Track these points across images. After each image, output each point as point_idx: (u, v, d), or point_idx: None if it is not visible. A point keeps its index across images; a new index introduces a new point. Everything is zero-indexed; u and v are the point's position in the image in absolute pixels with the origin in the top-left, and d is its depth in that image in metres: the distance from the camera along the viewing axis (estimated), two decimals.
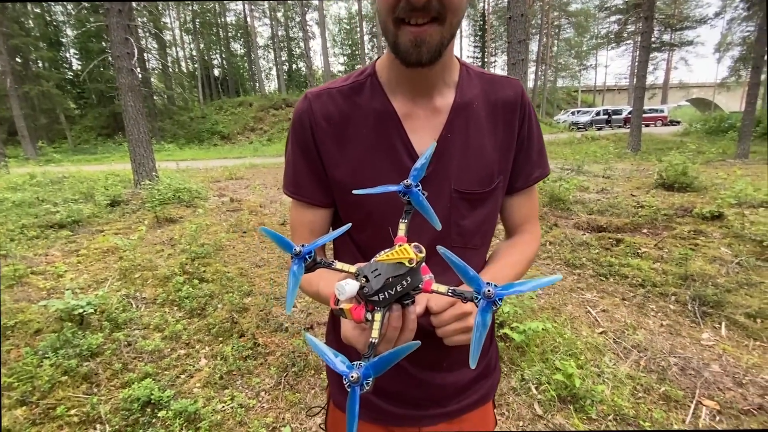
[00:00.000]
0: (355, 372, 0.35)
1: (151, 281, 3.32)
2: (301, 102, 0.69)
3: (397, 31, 0.56)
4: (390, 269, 0.42)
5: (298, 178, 0.70)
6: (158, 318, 2.73)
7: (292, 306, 0.43)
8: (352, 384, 0.35)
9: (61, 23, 25.50)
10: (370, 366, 0.36)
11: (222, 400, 2.01)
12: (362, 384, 0.36)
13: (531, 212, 0.77)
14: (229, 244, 4.36)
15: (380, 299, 0.42)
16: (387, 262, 0.42)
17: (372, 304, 0.43)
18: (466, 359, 0.73)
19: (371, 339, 0.42)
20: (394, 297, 0.42)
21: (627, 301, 2.91)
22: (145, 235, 4.55)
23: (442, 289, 0.43)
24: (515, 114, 0.70)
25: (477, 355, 0.37)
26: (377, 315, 0.43)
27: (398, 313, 0.45)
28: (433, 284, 0.44)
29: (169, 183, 6.56)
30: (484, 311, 0.38)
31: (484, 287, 0.38)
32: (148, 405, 1.91)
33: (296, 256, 0.43)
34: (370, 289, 0.41)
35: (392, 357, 0.37)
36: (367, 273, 0.42)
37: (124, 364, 2.25)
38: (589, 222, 4.79)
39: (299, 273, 0.43)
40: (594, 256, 3.70)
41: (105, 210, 5.70)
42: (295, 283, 0.43)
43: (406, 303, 0.45)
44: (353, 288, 0.41)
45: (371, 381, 0.36)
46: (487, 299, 0.37)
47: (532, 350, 2.20)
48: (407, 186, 0.48)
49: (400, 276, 0.42)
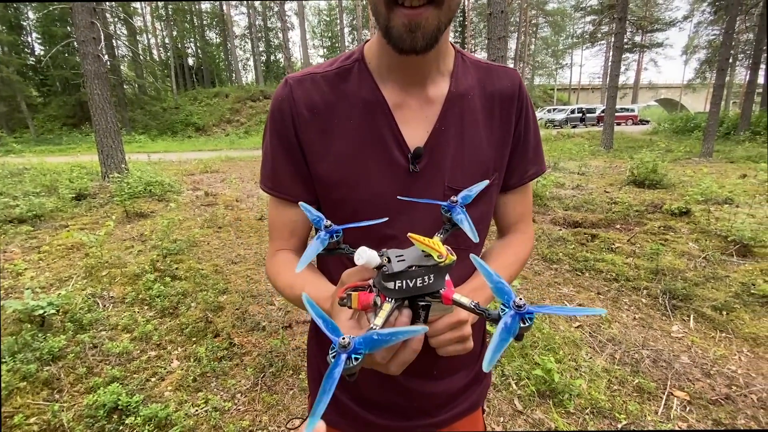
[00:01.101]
0: (347, 338, 0.31)
1: (119, 279, 3.16)
2: (281, 88, 0.62)
3: (389, 14, 0.50)
4: (416, 257, 0.40)
5: (277, 172, 0.64)
6: (127, 318, 2.60)
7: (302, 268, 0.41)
8: (339, 351, 0.31)
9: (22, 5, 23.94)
10: (363, 340, 0.32)
11: (195, 404, 1.92)
12: (350, 355, 0.31)
13: (525, 211, 0.74)
14: (203, 240, 4.21)
15: (395, 287, 0.39)
16: (418, 245, 0.39)
17: (385, 293, 0.40)
18: (457, 366, 0.70)
19: (372, 325, 0.37)
20: (410, 291, 0.39)
21: (602, 296, 2.99)
22: (114, 230, 4.34)
23: (465, 301, 0.39)
24: (512, 107, 0.65)
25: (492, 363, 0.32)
26: (386, 305, 0.39)
27: (407, 320, 0.41)
28: (455, 294, 0.40)
29: (139, 176, 6.28)
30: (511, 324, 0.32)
31: (513, 297, 0.34)
32: (114, 411, 1.81)
33: (325, 229, 0.43)
34: (390, 270, 0.39)
35: (389, 337, 0.32)
36: (391, 255, 0.40)
37: (89, 368, 2.13)
38: (566, 218, 4.89)
39: (322, 244, 0.43)
40: (570, 251, 3.78)
41: (70, 204, 5.40)
42: (314, 250, 0.42)
43: (420, 306, 0.42)
44: (373, 257, 0.39)
45: (361, 360, 0.32)
46: (517, 311, 0.33)
47: (512, 345, 2.22)
48: (453, 203, 0.47)
49: (424, 269, 0.39)
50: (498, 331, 0.32)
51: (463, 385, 0.72)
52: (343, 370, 0.31)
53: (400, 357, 0.42)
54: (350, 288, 0.43)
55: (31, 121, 20.12)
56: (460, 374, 0.71)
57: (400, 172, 0.60)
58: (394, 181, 0.60)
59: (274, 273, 0.65)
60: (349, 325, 0.44)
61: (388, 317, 0.38)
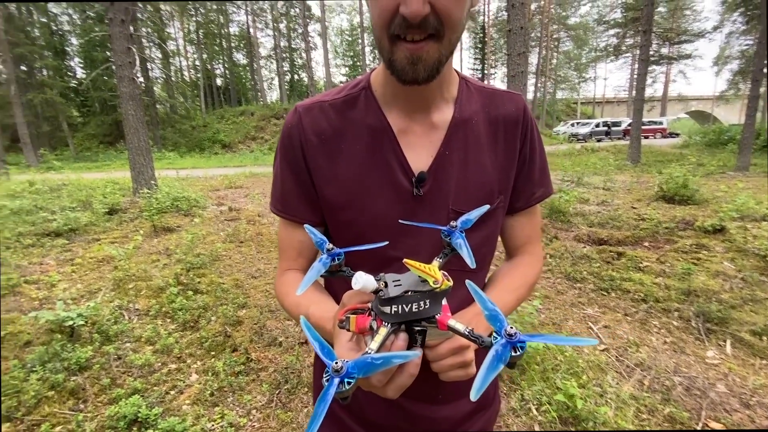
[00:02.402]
0: (340, 362, 0.33)
1: (144, 292, 3.27)
2: (291, 115, 0.65)
3: (392, 48, 0.53)
4: (412, 282, 0.40)
5: (286, 195, 0.67)
6: (150, 330, 2.68)
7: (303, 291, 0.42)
8: (333, 375, 0.32)
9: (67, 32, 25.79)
10: (356, 365, 0.33)
11: (212, 419, 1.94)
12: (343, 379, 0.32)
13: (533, 233, 0.74)
14: (225, 255, 4.31)
15: (392, 312, 0.40)
16: (413, 270, 0.39)
17: (381, 317, 0.40)
18: (463, 391, 0.69)
19: (367, 350, 0.38)
20: (407, 316, 0.40)
21: (629, 317, 2.86)
22: (141, 244, 4.51)
23: (460, 328, 0.40)
24: (517, 130, 0.66)
25: (480, 391, 0.33)
26: (382, 329, 0.40)
27: (403, 344, 0.41)
28: (450, 320, 0.41)
29: (167, 191, 6.53)
30: (501, 352, 0.33)
31: (505, 325, 0.34)
32: (134, 423, 1.84)
33: (328, 252, 0.44)
34: (386, 294, 0.40)
35: (382, 361, 0.33)
36: (388, 280, 0.41)
37: (112, 379, 2.19)
38: (590, 235, 4.74)
39: (324, 267, 0.44)
40: (595, 270, 3.65)
41: (102, 218, 5.66)
42: (316, 273, 0.43)
43: (416, 332, 0.42)
44: (370, 282, 0.40)
45: (353, 384, 0.33)
46: (508, 339, 0.33)
47: (533, 368, 2.14)
48: (452, 227, 0.48)
49: (420, 294, 0.40)
50: (487, 359, 0.33)
51: (468, 410, 0.71)
52: (336, 393, 0.31)
53: (396, 381, 0.42)
54: (350, 310, 0.44)
55: (71, 140, 21.39)
56: (465, 399, 0.70)
57: (404, 195, 0.62)
58: (399, 205, 0.61)
59: (283, 293, 0.66)
60: (347, 347, 0.45)
61: (384, 341, 0.39)
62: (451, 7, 0.50)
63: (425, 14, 0.48)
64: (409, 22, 0.48)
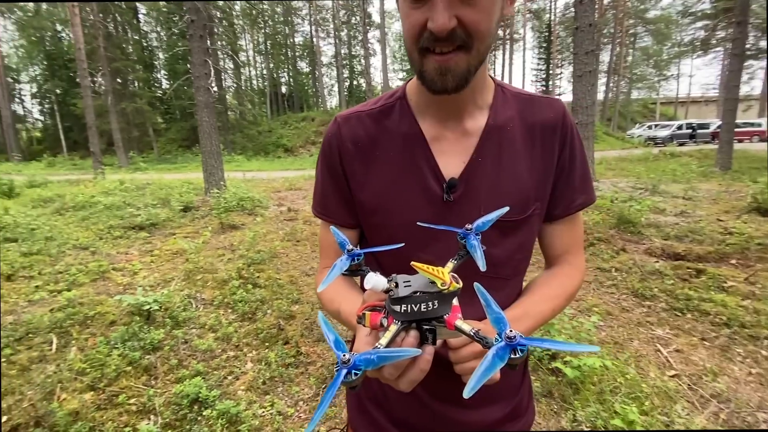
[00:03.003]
0: (348, 355, 0.35)
1: (210, 283, 3.55)
2: (331, 125, 0.70)
3: (422, 60, 0.55)
4: (421, 283, 0.42)
5: (325, 199, 0.71)
6: (213, 319, 2.91)
7: (324, 287, 0.46)
8: (341, 367, 0.35)
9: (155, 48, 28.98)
10: (363, 359, 0.36)
11: (262, 405, 2.06)
12: (350, 370, 0.35)
13: (573, 242, 0.71)
14: (282, 252, 4.55)
15: (401, 310, 0.42)
16: (421, 272, 0.41)
17: (393, 315, 0.43)
18: (493, 396, 0.68)
19: (377, 344, 0.40)
20: (416, 315, 0.42)
21: (707, 342, 2.55)
22: (209, 239, 4.91)
23: (466, 328, 0.41)
24: (555, 137, 0.65)
25: (473, 390, 0.33)
26: (393, 326, 0.42)
27: (413, 340, 0.43)
28: (458, 321, 0.42)
29: (234, 192, 7.05)
30: (500, 354, 0.34)
31: (506, 328, 0.35)
32: (196, 402, 2.02)
33: (348, 253, 0.47)
34: (395, 294, 0.42)
35: (388, 356, 0.36)
36: (399, 281, 0.43)
37: (179, 361, 2.41)
38: (664, 248, 4.31)
39: (344, 266, 0.46)
40: (668, 288, 3.31)
41: (178, 215, 6.25)
42: (338, 271, 0.46)
43: (426, 330, 0.44)
44: (380, 282, 0.43)
45: (360, 375, 0.36)
46: (507, 342, 0.34)
47: (588, 388, 2.00)
48: (467, 230, 0.49)
49: (428, 295, 0.41)
50: (484, 360, 0.34)
51: (498, 418, 0.69)
52: (344, 382, 0.35)
53: (408, 375, 0.44)
54: (368, 307, 0.47)
55: (155, 144, 23.96)
56: (496, 407, 0.69)
57: (435, 200, 0.63)
58: (430, 209, 0.62)
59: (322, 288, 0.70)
60: (365, 341, 0.47)
61: (394, 338, 0.41)
62: (479, 19, 0.51)
63: (451, 28, 0.50)
64: (436, 36, 0.50)
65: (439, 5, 0.49)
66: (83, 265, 3.91)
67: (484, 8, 0.51)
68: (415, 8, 0.52)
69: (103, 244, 4.70)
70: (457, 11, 0.50)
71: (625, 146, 20.39)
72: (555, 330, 2.23)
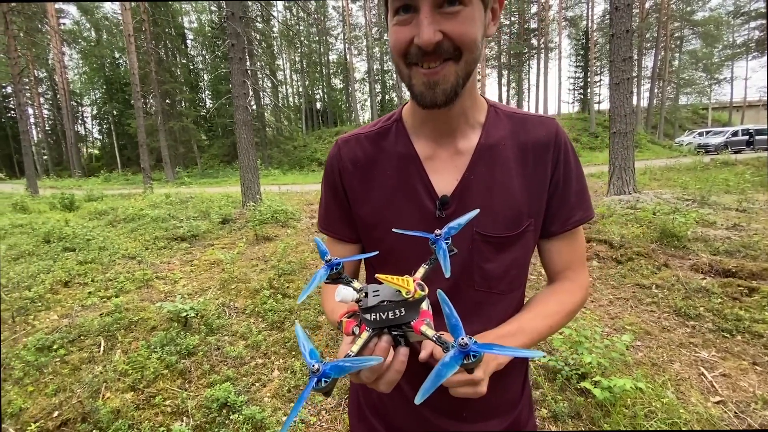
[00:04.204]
0: (318, 364, 0.38)
1: (243, 293, 3.71)
2: (333, 148, 0.75)
3: (410, 74, 0.58)
4: (389, 292, 0.45)
5: (329, 216, 0.76)
6: (244, 327, 3.03)
7: (303, 298, 0.48)
8: (311, 375, 0.38)
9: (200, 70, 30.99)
10: (331, 367, 0.39)
11: (287, 413, 2.12)
12: (320, 378, 0.38)
13: (574, 258, 0.71)
14: (312, 263, 4.66)
15: (371, 319, 0.44)
16: (387, 283, 0.44)
17: (365, 323, 0.46)
18: (491, 411, 0.69)
19: (349, 351, 0.44)
20: (384, 323, 0.44)
21: (759, 367, 2.35)
22: (244, 250, 5.13)
23: (430, 333, 0.43)
24: (548, 154, 0.67)
25: (425, 395, 0.37)
26: (365, 334, 0.45)
27: (386, 345, 0.45)
28: (423, 326, 0.44)
29: (269, 205, 7.33)
30: (452, 360, 0.37)
31: (460, 336, 0.37)
32: (224, 406, 2.11)
33: (326, 263, 0.49)
34: (365, 304, 0.44)
35: (351, 365, 0.39)
36: (369, 291, 0.46)
37: (211, 366, 2.53)
38: (713, 264, 4.02)
39: (323, 277, 0.49)
40: (715, 307, 3.09)
41: (217, 227, 6.58)
42: (315, 282, 0.48)
43: (396, 336, 0.46)
44: (348, 294, 0.45)
45: (330, 382, 0.38)
46: (459, 349, 0.37)
47: (619, 411, 1.90)
48: (437, 236, 0.51)
49: (394, 303, 0.44)
50: (436, 367, 0.36)
51: None
52: (315, 389, 0.38)
53: (385, 377, 0.47)
54: (348, 313, 0.50)
55: (199, 159, 25.43)
56: (495, 421, 0.70)
57: (428, 217, 0.66)
58: (423, 225, 0.65)
59: (324, 299, 0.75)
60: (346, 348, 0.50)
61: (366, 344, 0.44)
62: (463, 30, 0.53)
63: (437, 41, 0.53)
64: (424, 50, 0.53)
65: (423, 21, 0.52)
66: (130, 274, 4.20)
67: (466, 20, 0.53)
68: (402, 25, 0.55)
69: (148, 254, 5.04)
70: (441, 26, 0.53)
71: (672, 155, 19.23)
72: (584, 348, 2.15)
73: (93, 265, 4.50)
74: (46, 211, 9.07)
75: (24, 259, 4.83)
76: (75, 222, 6.71)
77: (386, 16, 0.61)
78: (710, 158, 15.68)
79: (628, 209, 6.58)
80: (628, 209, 6.57)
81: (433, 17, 0.52)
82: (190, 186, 12.79)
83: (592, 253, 4.48)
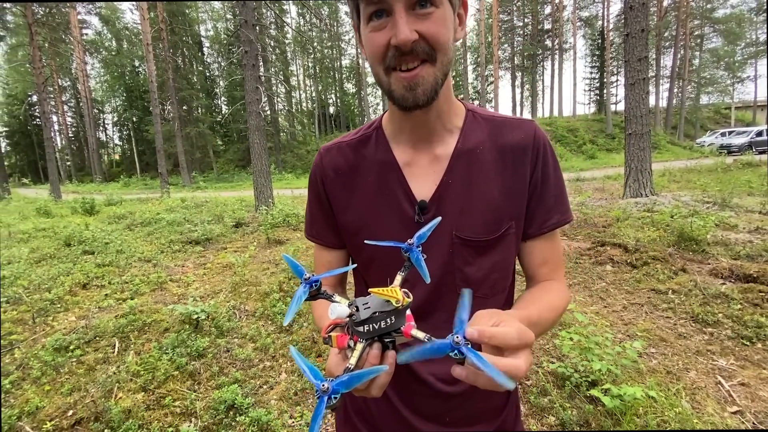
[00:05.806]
0: (327, 383, 0.39)
1: (253, 296, 3.75)
2: (316, 156, 0.77)
3: (389, 79, 0.58)
4: (378, 304, 0.46)
5: (314, 223, 0.77)
6: (254, 330, 3.06)
7: (289, 320, 0.48)
8: (321, 394, 0.39)
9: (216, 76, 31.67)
10: (339, 383, 0.40)
11: (293, 416, 2.13)
12: (330, 396, 0.39)
13: (552, 261, 0.70)
14: None
15: (365, 330, 0.46)
16: (377, 295, 0.45)
17: (357, 335, 0.47)
18: (476, 416, 0.68)
19: (348, 365, 0.45)
20: (377, 332, 0.46)
21: None
22: (256, 253, 5.20)
23: (421, 336, 0.46)
24: (526, 157, 0.66)
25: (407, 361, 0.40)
26: (359, 345, 0.47)
27: (377, 352, 0.47)
28: (413, 330, 0.47)
29: (281, 208, 7.42)
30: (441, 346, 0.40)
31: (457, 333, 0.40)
32: (231, 408, 2.13)
33: (305, 282, 0.49)
34: (358, 318, 0.46)
35: (359, 376, 0.40)
36: (359, 304, 0.47)
37: (220, 368, 2.57)
38: (733, 269, 3.88)
39: (303, 296, 0.49)
40: (735, 313, 2.98)
41: (230, 230, 6.69)
42: (297, 302, 0.49)
43: (387, 342, 0.48)
44: (343, 311, 0.47)
45: (339, 398, 0.40)
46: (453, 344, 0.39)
47: (630, 420, 1.85)
48: (410, 245, 0.53)
49: (386, 313, 0.46)
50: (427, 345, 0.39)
51: None
52: (328, 407, 0.39)
53: (377, 381, 0.48)
54: (331, 326, 0.51)
55: (215, 164, 25.93)
56: (477, 426, 0.69)
57: (407, 222, 0.66)
58: (404, 231, 0.65)
59: (313, 307, 0.75)
60: (336, 360, 0.51)
61: (362, 355, 0.46)
62: (437, 30, 0.55)
63: (414, 40, 0.54)
64: (401, 50, 0.54)
65: (399, 21, 0.53)
66: (145, 276, 4.30)
67: (439, 21, 0.55)
68: (377, 30, 0.56)
69: (163, 257, 5.15)
70: (416, 26, 0.54)
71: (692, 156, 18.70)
72: (593, 355, 2.10)
73: (110, 268, 4.62)
74: (67, 215, 9.37)
75: (45, 262, 5.00)
76: (94, 226, 6.91)
77: (357, 27, 0.62)
78: (733, 159, 15.19)
79: (644, 212, 6.42)
80: (645, 212, 6.41)
81: (407, 17, 0.54)
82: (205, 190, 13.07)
83: (605, 257, 4.39)
